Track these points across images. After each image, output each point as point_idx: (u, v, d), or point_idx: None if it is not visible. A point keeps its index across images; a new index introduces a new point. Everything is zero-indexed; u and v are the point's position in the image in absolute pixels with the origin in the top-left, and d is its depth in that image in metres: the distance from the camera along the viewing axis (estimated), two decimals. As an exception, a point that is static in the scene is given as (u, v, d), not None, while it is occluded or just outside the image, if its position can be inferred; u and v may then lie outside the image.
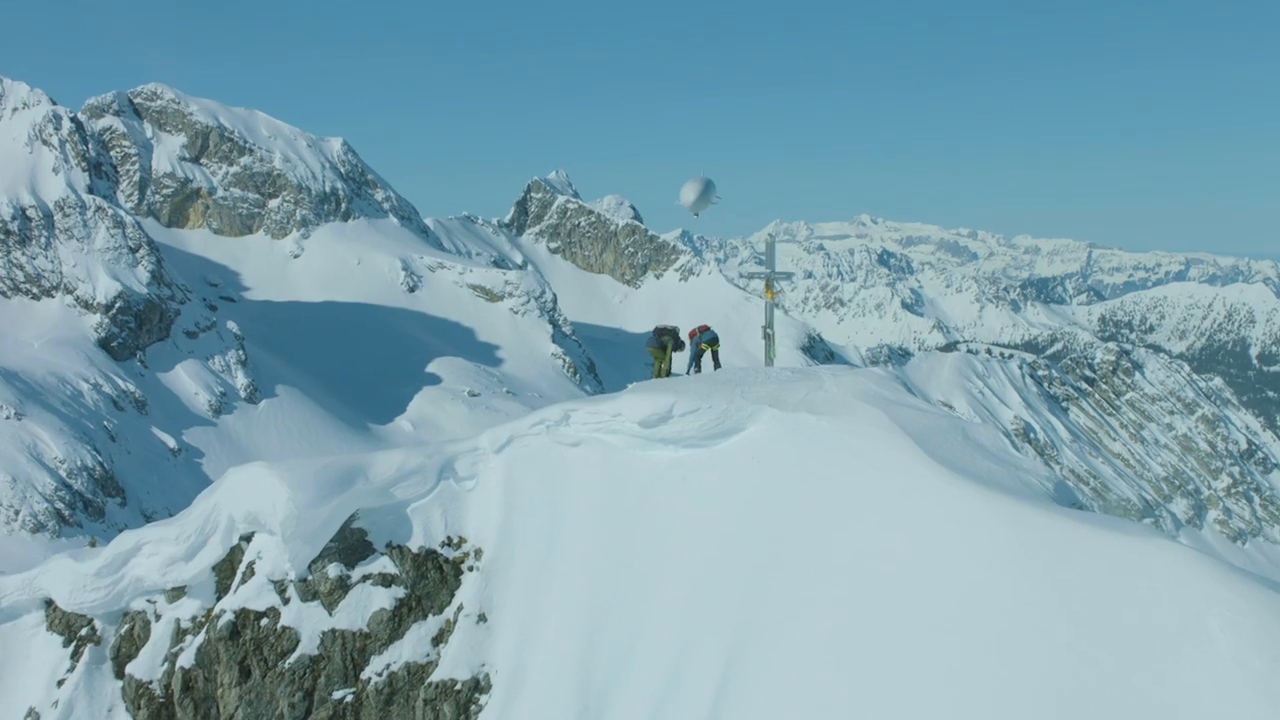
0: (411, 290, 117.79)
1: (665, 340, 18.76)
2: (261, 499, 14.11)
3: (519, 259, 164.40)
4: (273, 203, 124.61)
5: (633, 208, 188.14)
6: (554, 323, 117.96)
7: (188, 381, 79.53)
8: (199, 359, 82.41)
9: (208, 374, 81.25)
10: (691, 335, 18.89)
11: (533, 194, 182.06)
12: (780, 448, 12.69)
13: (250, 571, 14.38)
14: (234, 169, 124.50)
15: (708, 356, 18.70)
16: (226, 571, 15.05)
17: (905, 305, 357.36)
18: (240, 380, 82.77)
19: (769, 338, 18.25)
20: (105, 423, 68.27)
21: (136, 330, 79.73)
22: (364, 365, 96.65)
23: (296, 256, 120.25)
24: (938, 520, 9.92)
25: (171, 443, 72.07)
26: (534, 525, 14.09)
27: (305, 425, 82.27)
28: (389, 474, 14.56)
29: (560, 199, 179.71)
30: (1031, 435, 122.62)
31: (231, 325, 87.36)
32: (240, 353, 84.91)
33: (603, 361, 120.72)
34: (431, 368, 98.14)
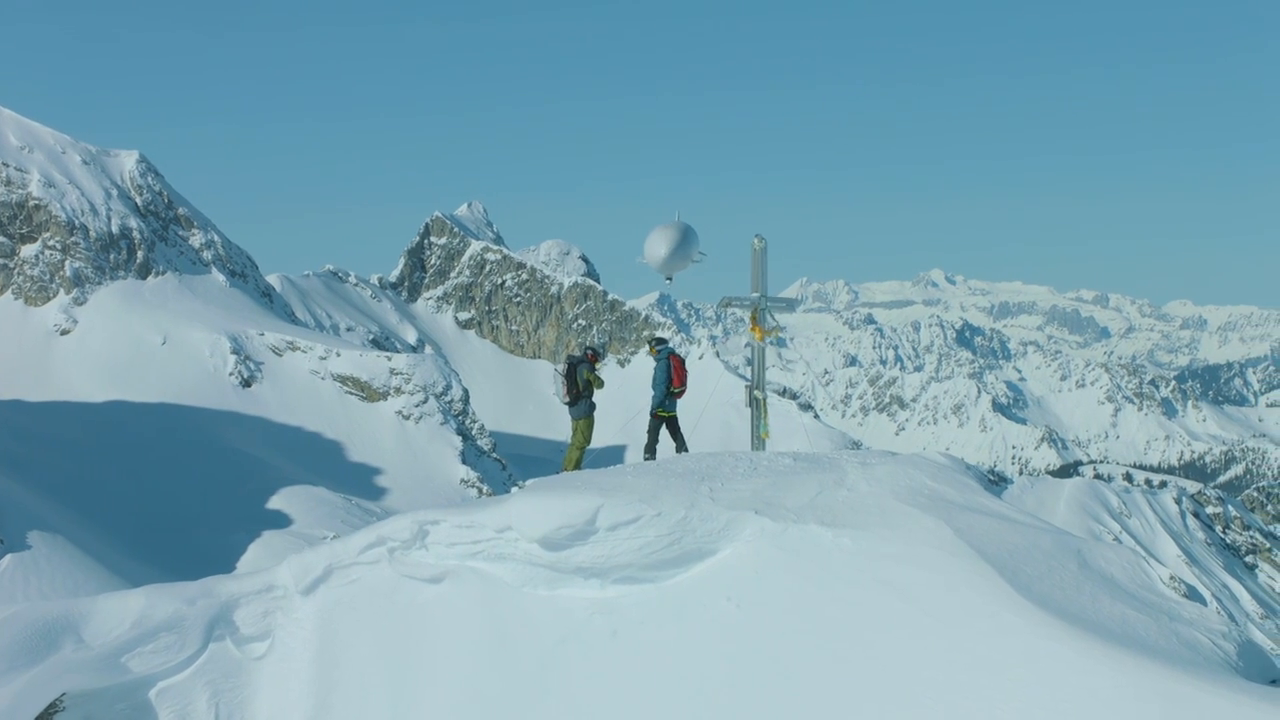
0: (246, 384, 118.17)
1: (586, 383, 18.50)
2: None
3: (412, 336, 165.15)
4: (27, 249, 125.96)
5: (585, 259, 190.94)
6: (464, 432, 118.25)
7: (-118, 526, 78.07)
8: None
9: (-86, 515, 79.89)
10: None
11: (433, 238, 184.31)
12: (774, 582, 12.38)
13: None
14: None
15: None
16: None
17: (999, 406, 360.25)
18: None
19: (758, 403, 17.87)
20: None
21: None
22: (171, 500, 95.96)
23: (65, 332, 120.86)
24: (1035, 700, 9.62)
25: None
26: (367, 716, 13.71)
27: (76, 593, 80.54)
28: (119, 632, 14.05)
29: (475, 246, 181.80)
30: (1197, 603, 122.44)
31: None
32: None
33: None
34: (276, 502, 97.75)
